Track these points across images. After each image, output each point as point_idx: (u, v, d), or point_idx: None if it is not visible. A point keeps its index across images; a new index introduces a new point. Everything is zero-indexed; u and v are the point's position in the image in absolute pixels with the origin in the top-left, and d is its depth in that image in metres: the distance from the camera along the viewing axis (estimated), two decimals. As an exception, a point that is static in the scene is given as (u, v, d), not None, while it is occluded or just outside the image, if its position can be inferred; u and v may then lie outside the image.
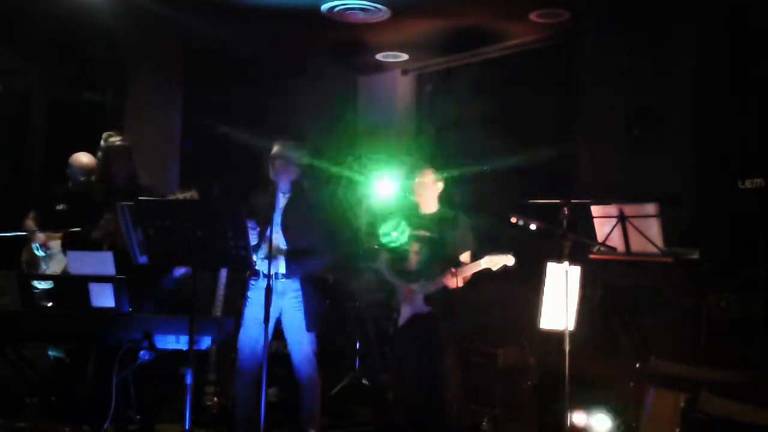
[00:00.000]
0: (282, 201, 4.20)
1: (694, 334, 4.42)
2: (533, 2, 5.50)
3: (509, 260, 4.20)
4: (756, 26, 4.60)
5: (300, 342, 4.18)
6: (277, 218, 4.16)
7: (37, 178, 6.21)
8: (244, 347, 4.16)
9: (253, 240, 4.02)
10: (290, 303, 4.16)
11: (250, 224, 4.02)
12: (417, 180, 4.47)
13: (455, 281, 4.22)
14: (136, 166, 4.52)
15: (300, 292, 4.16)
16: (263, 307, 3.96)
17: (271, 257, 3.83)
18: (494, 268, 4.22)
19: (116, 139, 4.48)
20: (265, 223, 4.03)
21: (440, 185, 4.48)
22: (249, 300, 4.21)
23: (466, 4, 5.55)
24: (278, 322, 4.24)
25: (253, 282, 4.22)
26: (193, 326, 3.28)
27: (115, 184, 4.40)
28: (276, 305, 4.15)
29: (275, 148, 4.19)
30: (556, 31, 6.08)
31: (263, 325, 4.01)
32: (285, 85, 7.87)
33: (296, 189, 4.23)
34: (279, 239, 4.10)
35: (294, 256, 4.10)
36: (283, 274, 4.13)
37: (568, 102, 6.20)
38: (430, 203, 4.49)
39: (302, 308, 4.15)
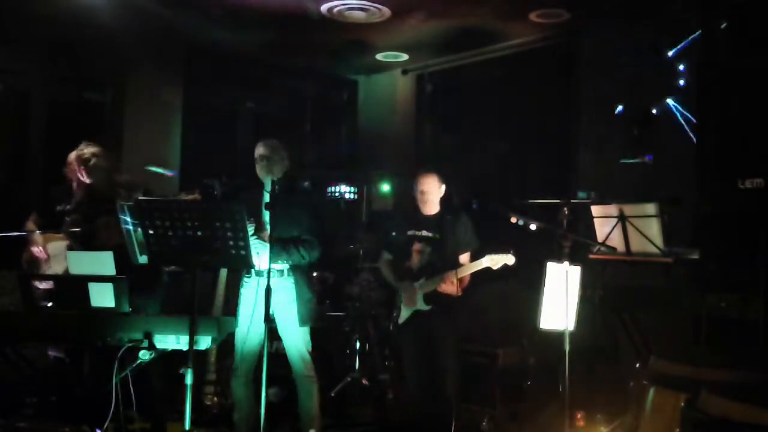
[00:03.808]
0: (267, 198, 4.19)
1: (694, 334, 4.41)
2: (533, 2, 5.51)
3: (510, 259, 4.20)
4: (756, 26, 4.59)
5: (294, 339, 4.17)
6: (265, 215, 4.15)
7: (37, 179, 6.21)
8: (241, 347, 4.16)
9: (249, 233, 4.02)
10: (283, 299, 4.13)
11: None
12: (421, 184, 4.45)
13: (452, 288, 4.22)
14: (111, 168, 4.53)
15: (293, 289, 4.16)
16: (256, 304, 3.97)
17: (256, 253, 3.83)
18: (495, 267, 4.22)
19: (90, 150, 4.49)
20: (254, 220, 4.05)
21: (443, 188, 4.47)
22: (242, 297, 4.21)
23: (467, 4, 5.55)
24: (273, 320, 4.23)
25: (246, 279, 4.21)
26: (193, 326, 3.28)
27: (97, 192, 4.42)
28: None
29: (259, 148, 4.21)
30: (556, 31, 6.08)
31: (258, 323, 4.01)
32: (285, 85, 7.88)
33: (281, 187, 4.24)
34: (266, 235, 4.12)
35: (281, 243, 4.09)
36: (278, 271, 4.12)
37: (568, 102, 6.20)
38: (432, 205, 4.49)
39: (295, 303, 4.15)
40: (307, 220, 4.23)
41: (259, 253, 4.03)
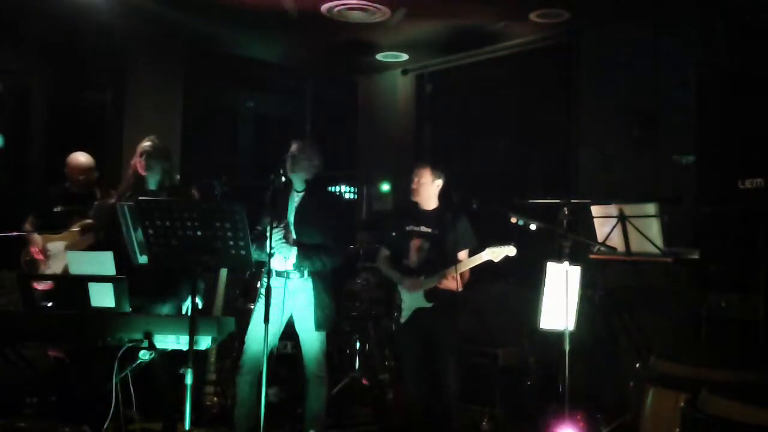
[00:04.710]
0: (296, 199, 4.21)
1: (694, 334, 4.42)
2: (533, 2, 5.51)
3: (511, 251, 4.19)
4: (756, 26, 4.60)
5: (310, 341, 4.18)
6: (291, 216, 4.18)
7: (37, 178, 6.21)
8: (251, 345, 4.15)
9: (278, 236, 3.99)
10: (302, 303, 4.15)
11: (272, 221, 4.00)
12: (414, 179, 4.47)
13: (453, 283, 4.22)
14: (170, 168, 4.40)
15: (312, 292, 4.16)
16: (275, 306, 3.96)
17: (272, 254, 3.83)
18: (496, 260, 4.21)
19: (148, 142, 4.37)
20: (279, 220, 4.05)
21: (439, 183, 4.47)
22: (261, 298, 4.17)
23: (466, 4, 5.55)
24: (291, 321, 4.24)
25: (265, 279, 4.19)
26: (193, 326, 3.28)
27: (147, 186, 4.37)
28: (287, 305, 4.15)
29: (293, 147, 4.20)
30: (556, 31, 6.08)
31: (275, 324, 4.03)
32: (285, 85, 7.88)
33: (310, 188, 4.24)
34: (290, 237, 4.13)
35: (305, 250, 4.09)
36: (295, 272, 4.12)
37: (568, 102, 6.20)
38: (429, 201, 4.49)
39: (313, 307, 4.14)
40: (331, 225, 4.21)
41: (287, 257, 4.03)
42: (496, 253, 4.20)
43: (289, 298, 4.14)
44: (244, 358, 4.16)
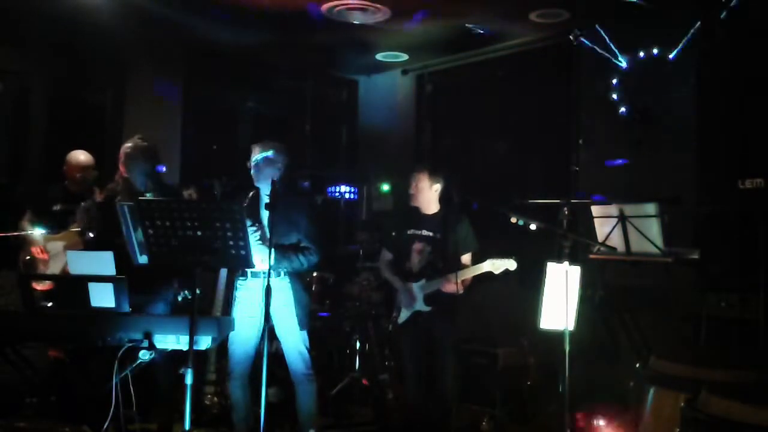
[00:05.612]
0: (266, 200, 4.16)
1: (694, 334, 4.42)
2: (533, 2, 5.51)
3: (512, 265, 4.20)
4: (756, 26, 4.60)
5: (294, 340, 4.15)
6: (263, 217, 4.14)
7: (36, 178, 6.21)
8: (237, 348, 4.13)
9: (255, 237, 3.96)
10: (280, 302, 4.10)
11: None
12: (413, 184, 4.46)
13: (455, 287, 4.23)
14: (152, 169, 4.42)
15: (290, 291, 4.14)
16: (254, 306, 3.98)
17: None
18: (496, 272, 4.23)
19: (129, 143, 4.40)
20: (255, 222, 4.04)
21: (437, 188, 4.46)
22: (238, 299, 4.17)
23: (466, 4, 5.55)
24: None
25: (242, 281, 4.19)
26: (193, 326, 3.28)
27: (135, 187, 4.37)
28: (263, 305, 4.11)
29: (256, 150, 4.17)
30: (556, 31, 6.08)
31: (255, 325, 4.04)
32: (285, 85, 7.88)
33: (279, 191, 4.21)
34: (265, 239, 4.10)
35: (283, 250, 4.08)
36: (273, 271, 4.10)
37: (568, 102, 6.19)
38: (429, 205, 4.49)
39: (294, 306, 4.13)
40: (305, 224, 4.20)
41: (263, 260, 4.01)
42: (497, 266, 4.21)
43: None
44: (232, 364, 4.15)
